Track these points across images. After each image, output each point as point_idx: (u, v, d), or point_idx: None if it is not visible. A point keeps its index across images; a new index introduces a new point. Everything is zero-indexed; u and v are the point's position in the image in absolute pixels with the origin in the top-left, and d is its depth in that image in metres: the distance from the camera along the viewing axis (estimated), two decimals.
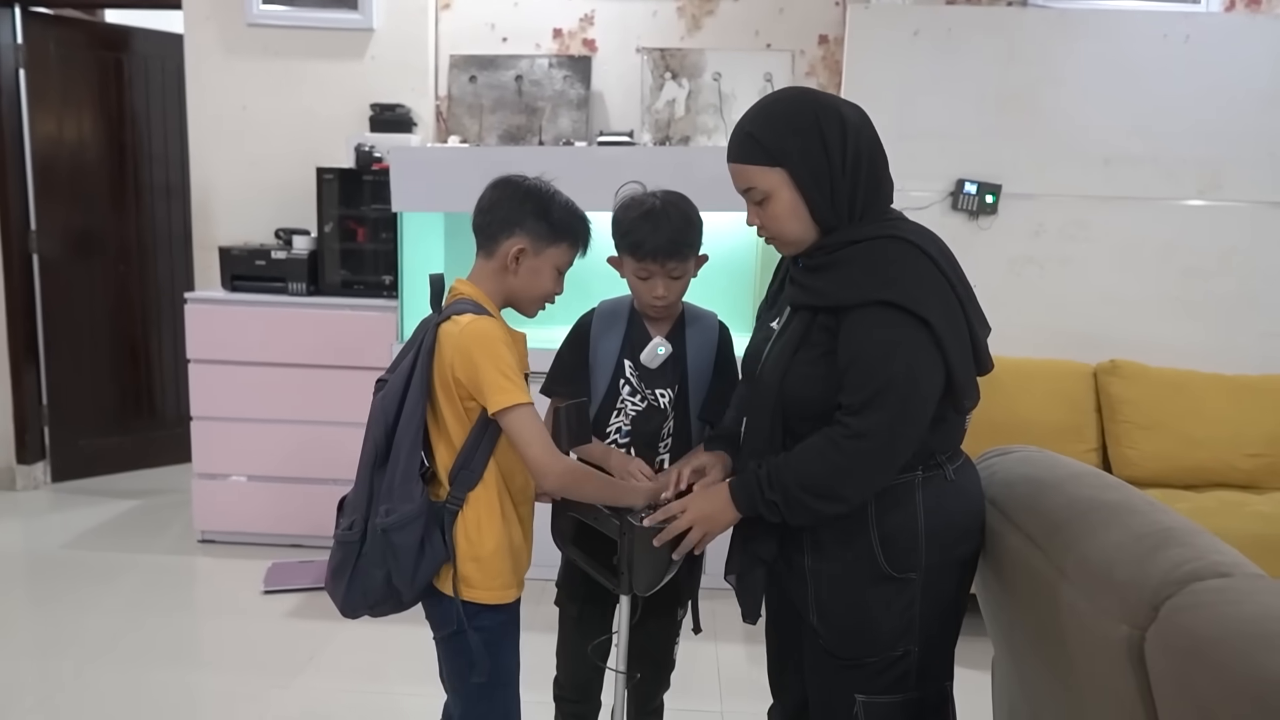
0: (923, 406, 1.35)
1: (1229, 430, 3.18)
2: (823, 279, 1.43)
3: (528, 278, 1.61)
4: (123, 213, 4.39)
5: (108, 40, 4.32)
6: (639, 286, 1.79)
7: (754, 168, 1.42)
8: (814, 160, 1.38)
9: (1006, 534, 1.46)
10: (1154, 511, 1.26)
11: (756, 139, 1.41)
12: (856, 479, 1.36)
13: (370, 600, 1.59)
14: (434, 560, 1.55)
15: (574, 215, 1.63)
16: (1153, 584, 1.09)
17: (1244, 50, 3.36)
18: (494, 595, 1.60)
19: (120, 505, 4.06)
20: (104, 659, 2.76)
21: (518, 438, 1.50)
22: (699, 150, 3.55)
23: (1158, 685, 1.06)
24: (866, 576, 1.44)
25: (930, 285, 1.36)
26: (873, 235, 1.40)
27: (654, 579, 1.57)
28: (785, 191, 1.41)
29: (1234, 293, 3.49)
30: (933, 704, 1.50)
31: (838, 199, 1.40)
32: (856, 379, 1.35)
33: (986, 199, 3.50)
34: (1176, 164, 3.45)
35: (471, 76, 3.78)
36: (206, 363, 3.53)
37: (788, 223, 1.43)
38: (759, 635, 2.95)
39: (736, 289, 3.62)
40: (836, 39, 3.70)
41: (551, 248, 1.60)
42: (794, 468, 1.39)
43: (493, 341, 1.51)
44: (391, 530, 1.52)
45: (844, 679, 1.48)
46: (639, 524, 1.53)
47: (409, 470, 1.53)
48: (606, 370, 1.86)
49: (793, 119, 1.40)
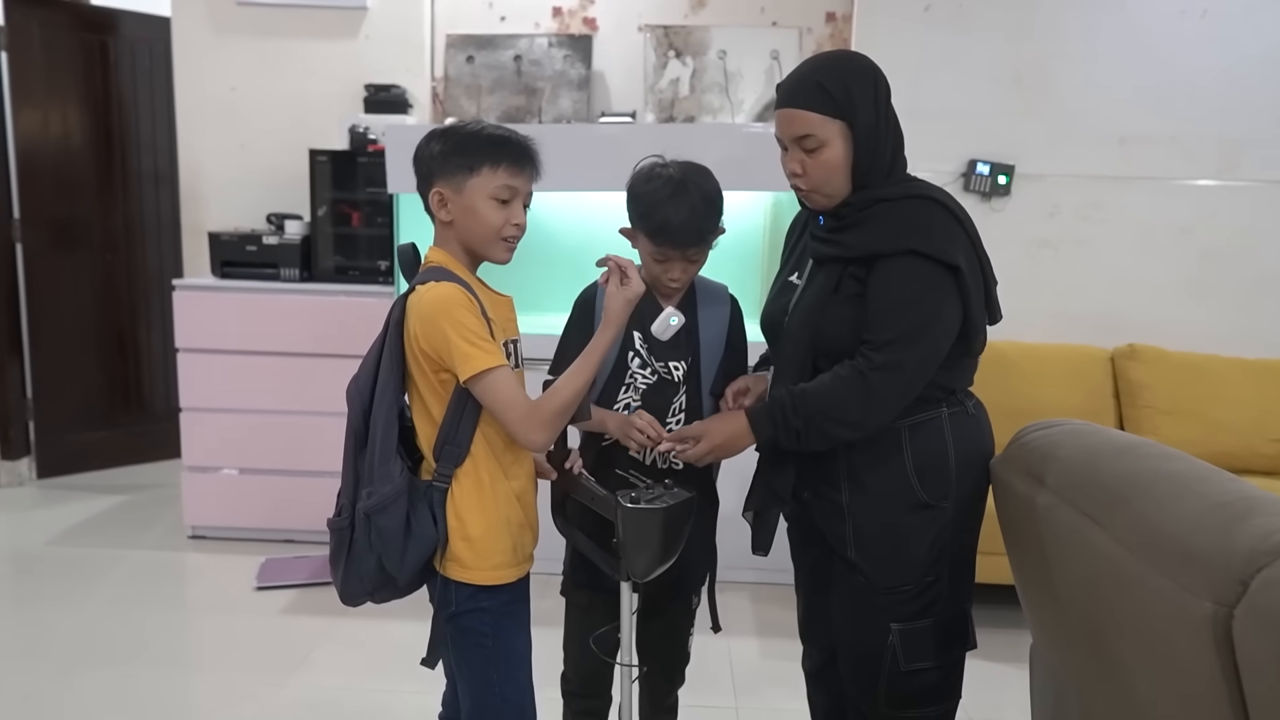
0: (942, 345, 1.48)
1: (1252, 415, 3.09)
2: (853, 234, 1.52)
3: (465, 220, 1.48)
4: (109, 200, 4.27)
5: (93, 23, 4.20)
6: (655, 268, 1.71)
7: (817, 116, 1.48)
8: (870, 119, 1.49)
9: (1057, 510, 1.36)
10: (1228, 480, 1.16)
11: (827, 90, 1.48)
12: (877, 407, 1.47)
13: (367, 586, 1.53)
14: (423, 541, 1.48)
15: (485, 138, 1.49)
16: (1241, 556, 0.99)
17: (1263, 25, 3.28)
18: (489, 575, 1.51)
19: (107, 501, 3.94)
20: (89, 658, 2.64)
21: (491, 404, 1.43)
22: (704, 128, 3.45)
23: (1247, 665, 0.96)
24: (903, 506, 1.55)
25: (955, 238, 1.48)
26: (900, 195, 1.51)
27: (650, 564, 1.50)
28: (840, 143, 1.49)
29: (1253, 274, 3.40)
30: (957, 625, 1.61)
31: (878, 158, 1.51)
32: (885, 318, 1.46)
33: (999, 180, 3.41)
34: (1194, 142, 3.36)
35: (469, 56, 3.67)
36: (196, 352, 3.41)
37: (835, 174, 1.51)
38: (772, 628, 2.89)
39: (745, 270, 3.51)
40: (845, 16, 3.60)
41: (471, 178, 1.46)
42: (819, 395, 1.49)
43: (452, 307, 1.42)
44: (374, 512, 1.45)
45: (879, 610, 1.57)
46: (629, 504, 1.45)
47: (386, 450, 1.46)
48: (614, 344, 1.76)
49: (860, 76, 1.50)
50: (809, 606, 1.82)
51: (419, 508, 1.48)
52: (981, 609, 1.70)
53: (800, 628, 1.86)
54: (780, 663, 2.65)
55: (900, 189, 1.52)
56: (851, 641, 1.64)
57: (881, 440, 1.55)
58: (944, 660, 1.60)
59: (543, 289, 2.90)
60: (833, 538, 1.62)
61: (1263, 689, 0.95)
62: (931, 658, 1.57)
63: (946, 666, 1.61)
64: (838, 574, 1.65)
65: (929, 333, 1.46)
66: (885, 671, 1.58)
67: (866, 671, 1.61)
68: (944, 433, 1.55)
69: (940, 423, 1.55)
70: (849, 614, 1.64)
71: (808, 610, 1.82)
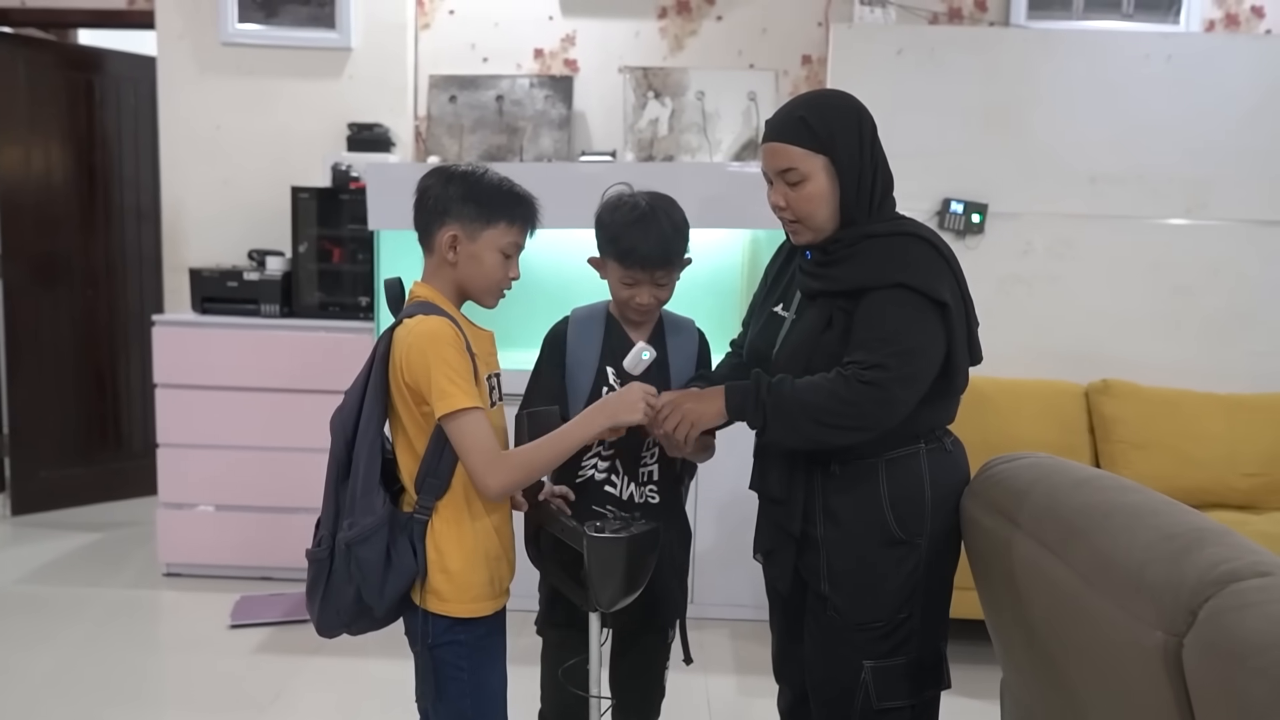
0: (924, 376, 1.49)
1: (1225, 449, 3.12)
2: (842, 268, 1.54)
3: (469, 266, 1.52)
4: (91, 236, 4.28)
5: (78, 61, 4.24)
6: (623, 293, 1.74)
7: (800, 150, 1.52)
8: (853, 154, 1.52)
9: (1018, 544, 1.38)
10: (1180, 512, 1.18)
11: (809, 124, 1.52)
12: (850, 418, 1.46)
13: (344, 618, 1.53)
14: (403, 573, 1.48)
15: (506, 193, 1.54)
16: (1189, 586, 1.00)
17: (1225, 69, 3.37)
18: (467, 609, 1.51)
19: (82, 539, 3.89)
20: (58, 698, 2.60)
21: (459, 444, 1.44)
22: (683, 166, 3.50)
23: (1198, 694, 0.97)
24: (877, 541, 1.55)
25: (942, 275, 1.50)
26: (890, 231, 1.54)
27: (616, 594, 1.50)
28: (823, 177, 1.52)
29: (1222, 311, 3.46)
30: (931, 664, 1.60)
31: (862, 193, 1.54)
32: (871, 345, 1.47)
33: (973, 218, 3.47)
34: (1162, 182, 3.43)
35: (451, 96, 3.73)
36: (175, 387, 3.40)
37: (819, 207, 1.54)
38: (750, 665, 2.87)
39: (723, 307, 3.54)
40: (820, 59, 3.68)
41: (487, 230, 1.51)
42: (798, 386, 1.49)
43: (438, 343, 1.44)
44: (354, 544, 1.46)
45: (852, 647, 1.56)
46: (594, 533, 1.46)
47: (369, 481, 1.47)
48: (587, 378, 1.80)
49: (843, 113, 1.54)
50: (782, 643, 1.81)
51: (399, 539, 1.48)
52: (959, 645, 1.71)
53: (774, 665, 1.85)
54: (757, 700, 2.63)
55: (889, 225, 1.55)
56: (824, 679, 1.63)
57: (858, 475, 1.56)
58: (917, 699, 1.59)
59: (522, 325, 2.92)
60: (806, 572, 1.63)
61: (1214, 717, 0.96)
62: (905, 696, 1.57)
63: (920, 706, 1.60)
64: (811, 610, 1.65)
65: (913, 363, 1.47)
66: (858, 710, 1.57)
67: (839, 710, 1.60)
68: (921, 469, 1.57)
69: (918, 459, 1.57)
70: (821, 650, 1.63)
71: (781, 647, 1.81)
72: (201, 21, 3.68)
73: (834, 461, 1.57)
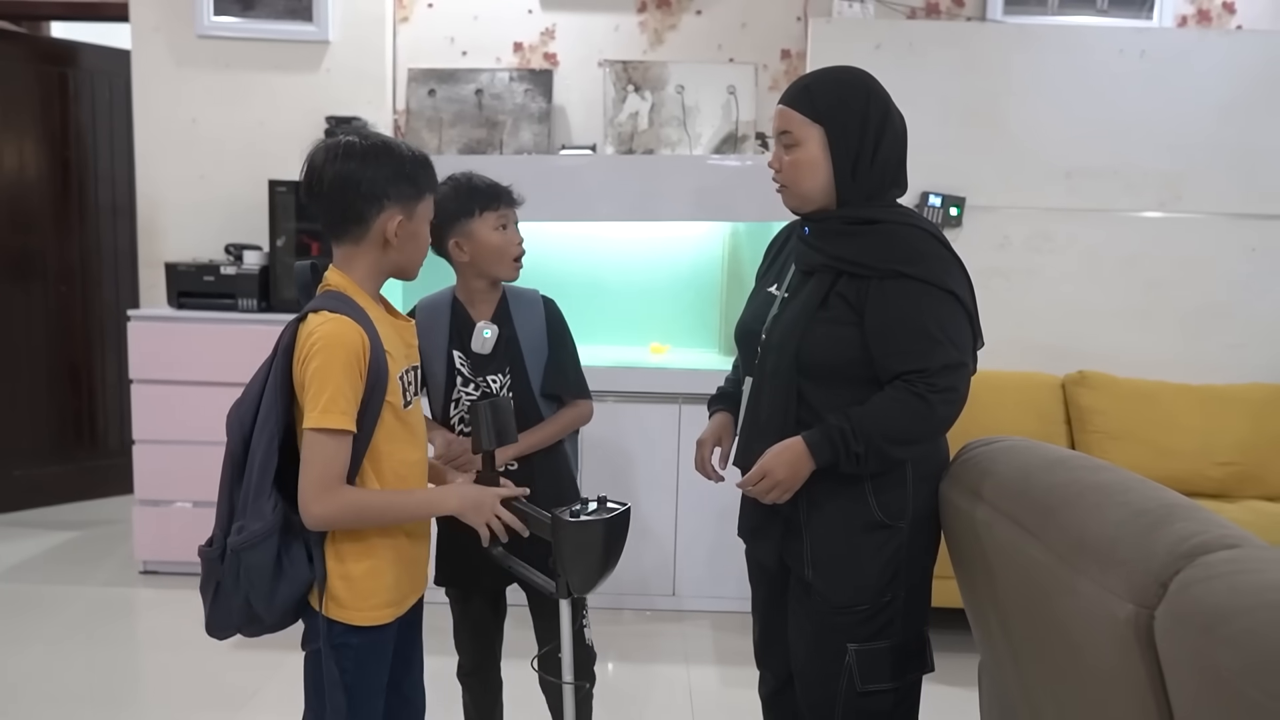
0: (971, 367, 1.55)
1: (1199, 440, 3.16)
2: (845, 245, 1.56)
3: (410, 245, 1.46)
4: (65, 232, 4.22)
5: (52, 55, 4.19)
6: (500, 242, 1.83)
7: (798, 115, 1.55)
8: (850, 132, 1.53)
9: (995, 524, 1.39)
10: (1151, 489, 1.19)
11: (811, 94, 1.55)
12: (933, 429, 1.53)
13: (235, 620, 1.44)
14: (295, 581, 1.40)
15: (425, 161, 1.47)
16: (1159, 559, 1.01)
17: (1199, 64, 3.41)
18: (365, 616, 1.44)
19: (58, 537, 3.85)
20: (34, 697, 2.57)
21: (304, 459, 1.36)
22: (663, 159, 3.50)
23: (1169, 665, 0.98)
24: (860, 525, 1.56)
25: (953, 266, 1.55)
26: (894, 219, 1.56)
27: (590, 578, 1.50)
28: (815, 147, 1.55)
29: (1197, 304, 3.50)
30: (914, 648, 1.61)
31: (859, 175, 1.55)
32: (920, 349, 1.49)
33: (951, 211, 3.49)
34: (1137, 176, 3.47)
35: (431, 90, 3.71)
36: (150, 383, 3.36)
37: (806, 174, 1.56)
38: (731, 657, 2.88)
39: (704, 300, 3.55)
40: (799, 53, 3.69)
41: (420, 204, 1.47)
42: (880, 418, 1.49)
43: (336, 351, 1.34)
44: (242, 550, 1.37)
45: (835, 630, 1.57)
46: (569, 519, 1.46)
47: (261, 484, 1.36)
48: (440, 365, 1.87)
49: (847, 92, 1.55)
50: (765, 629, 1.81)
51: (293, 545, 1.40)
52: (939, 633, 1.71)
53: (756, 651, 1.85)
54: (740, 690, 2.63)
55: (892, 213, 1.57)
56: (808, 663, 1.64)
57: None
58: (901, 682, 1.59)
59: None
60: (789, 556, 1.64)
61: (1183, 689, 0.97)
62: (888, 679, 1.57)
63: (903, 689, 1.61)
64: (794, 594, 1.66)
65: (964, 358, 1.53)
66: (842, 694, 1.57)
67: (823, 694, 1.60)
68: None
69: None
70: (805, 635, 1.64)
71: (764, 632, 1.82)
72: (177, 14, 3.64)
73: None
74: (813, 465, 1.52)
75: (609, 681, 2.71)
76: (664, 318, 3.59)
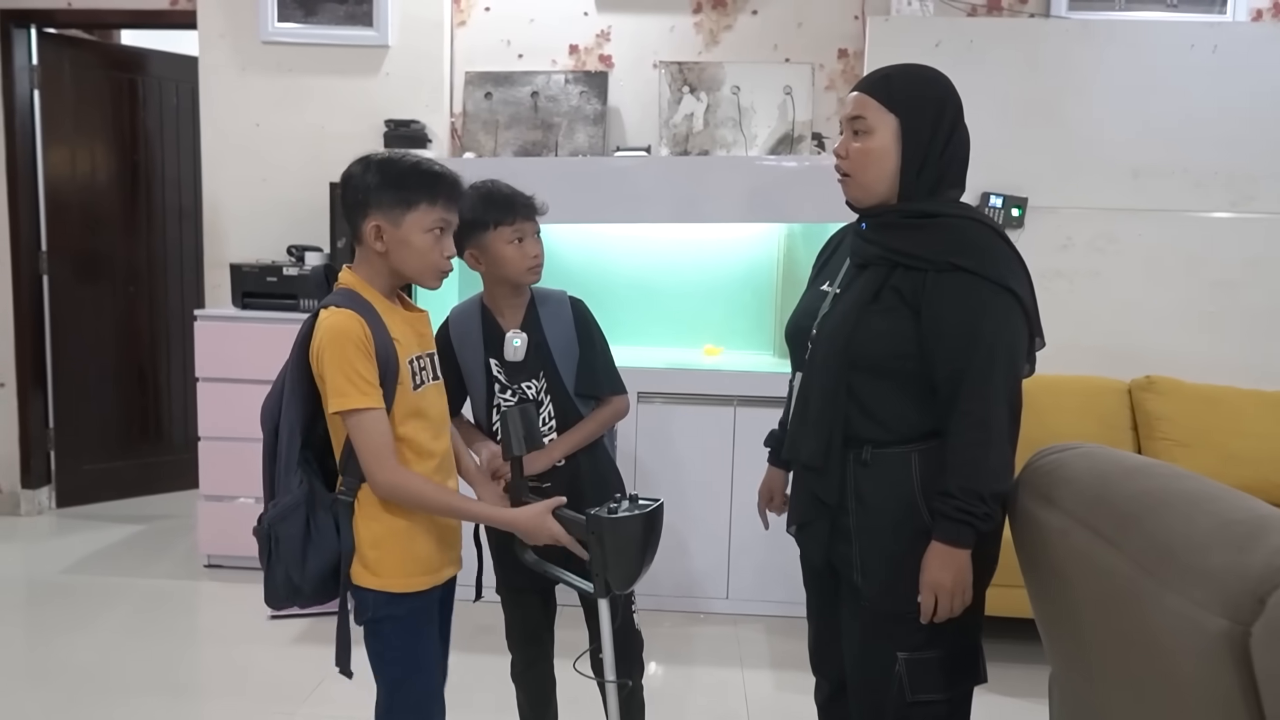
0: (1021, 368, 1.53)
1: (1268, 447, 3.07)
2: (903, 238, 1.54)
3: (400, 252, 1.53)
4: (134, 234, 4.35)
5: (122, 62, 4.32)
6: (515, 254, 1.82)
7: (875, 103, 1.53)
8: (924, 128, 1.52)
9: (1070, 532, 1.36)
10: (1239, 498, 1.15)
11: (891, 83, 1.54)
12: (1010, 442, 1.51)
13: (283, 593, 1.57)
14: (323, 549, 1.52)
15: (423, 173, 1.53)
16: (1255, 573, 0.98)
17: (1272, 61, 3.30)
18: (400, 583, 1.56)
19: (124, 530, 3.96)
20: (100, 687, 2.64)
21: (355, 441, 1.49)
22: (718, 160, 3.49)
23: (1266, 684, 0.95)
24: (910, 530, 1.53)
25: (1013, 262, 1.52)
26: (954, 213, 1.54)
27: (630, 574, 1.52)
28: (887, 136, 1.53)
29: (1264, 306, 3.39)
30: (967, 658, 1.57)
31: (925, 171, 1.54)
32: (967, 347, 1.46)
33: (1013, 212, 3.42)
34: (1205, 175, 3.37)
35: (487, 93, 3.75)
36: (216, 381, 3.45)
37: (874, 163, 1.54)
38: (787, 661, 2.86)
39: (760, 301, 3.53)
40: (856, 52, 3.66)
41: (409, 213, 1.51)
42: (970, 473, 1.46)
43: (341, 340, 1.46)
44: (274, 523, 1.51)
45: (885, 638, 1.54)
46: (607, 514, 1.48)
47: (288, 463, 1.52)
48: (479, 376, 1.90)
49: (930, 88, 1.55)
50: (819, 635, 1.79)
51: (320, 516, 1.52)
52: (994, 643, 1.68)
53: (811, 657, 1.84)
54: (795, 695, 2.61)
55: (954, 208, 1.55)
56: (857, 670, 1.62)
57: (890, 464, 1.54)
58: (953, 693, 1.56)
59: None
60: (839, 560, 1.61)
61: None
62: (940, 690, 1.53)
63: (955, 700, 1.57)
64: (845, 601, 1.63)
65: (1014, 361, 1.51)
66: (892, 703, 1.54)
67: (873, 702, 1.57)
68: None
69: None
70: (855, 642, 1.61)
71: (818, 639, 1.80)
72: (242, 21, 3.73)
73: (866, 449, 1.55)
74: (961, 552, 1.48)
75: (662, 683, 2.71)
76: (718, 320, 3.58)
